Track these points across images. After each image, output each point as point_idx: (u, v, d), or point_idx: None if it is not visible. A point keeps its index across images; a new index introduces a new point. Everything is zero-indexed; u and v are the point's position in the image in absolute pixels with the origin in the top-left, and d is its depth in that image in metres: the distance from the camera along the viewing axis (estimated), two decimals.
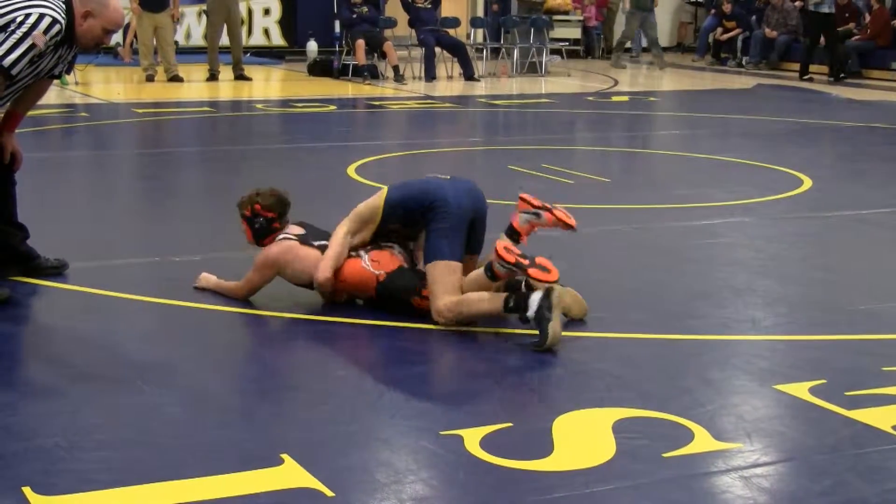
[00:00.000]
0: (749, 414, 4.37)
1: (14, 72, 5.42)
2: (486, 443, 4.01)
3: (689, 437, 4.11)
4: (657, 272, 6.53)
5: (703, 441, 4.08)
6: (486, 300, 5.32)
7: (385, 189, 5.66)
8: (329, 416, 4.33)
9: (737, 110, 15.25)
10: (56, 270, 6.15)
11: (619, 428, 4.18)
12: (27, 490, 3.59)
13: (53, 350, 5.15)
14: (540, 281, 5.14)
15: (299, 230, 5.77)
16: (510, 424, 4.21)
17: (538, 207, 5.69)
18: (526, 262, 5.16)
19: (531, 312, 5.12)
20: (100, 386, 4.60)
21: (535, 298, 5.14)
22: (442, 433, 4.09)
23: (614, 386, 4.66)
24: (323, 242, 5.69)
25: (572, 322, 5.45)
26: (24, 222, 6.12)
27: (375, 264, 5.57)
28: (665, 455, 3.95)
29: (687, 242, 7.29)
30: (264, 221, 5.76)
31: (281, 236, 5.71)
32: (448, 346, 5.21)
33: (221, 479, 3.72)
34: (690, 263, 6.78)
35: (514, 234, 5.68)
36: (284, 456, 3.86)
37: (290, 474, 3.75)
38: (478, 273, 5.40)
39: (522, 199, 5.73)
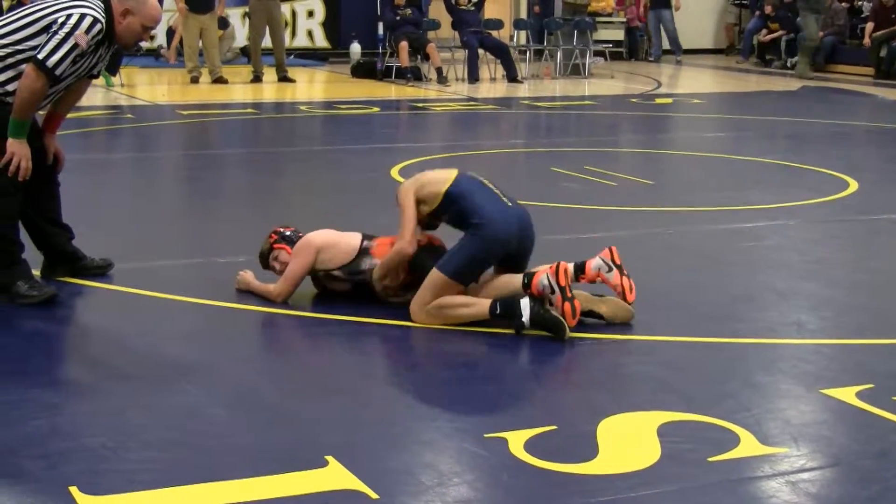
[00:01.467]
0: (795, 418, 4.34)
1: (58, 72, 5.48)
2: (530, 445, 4.00)
3: (734, 441, 4.09)
4: (701, 275, 6.50)
5: (748, 445, 4.05)
6: (471, 305, 5.37)
7: (453, 176, 5.61)
8: (373, 417, 4.33)
9: (782, 112, 15.16)
10: (101, 270, 6.19)
11: (664, 432, 4.15)
12: (74, 490, 3.61)
13: (98, 350, 5.18)
14: (562, 315, 5.22)
15: None
16: (555, 427, 4.20)
17: (615, 265, 5.59)
18: (569, 294, 5.24)
19: (526, 318, 5.21)
20: (144, 386, 4.62)
21: (526, 302, 5.23)
22: (486, 436, 4.09)
23: (659, 389, 4.63)
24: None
25: (617, 325, 5.43)
26: (70, 223, 6.16)
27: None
28: (710, 459, 3.93)
29: (731, 245, 7.24)
30: (291, 234, 5.89)
31: None
32: (490, 348, 5.20)
33: (265, 480, 3.72)
34: (734, 266, 6.74)
35: (580, 270, 5.63)
36: (329, 458, 3.87)
37: (334, 476, 3.76)
38: (513, 278, 5.44)
39: (609, 250, 5.60)
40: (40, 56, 5.46)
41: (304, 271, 5.73)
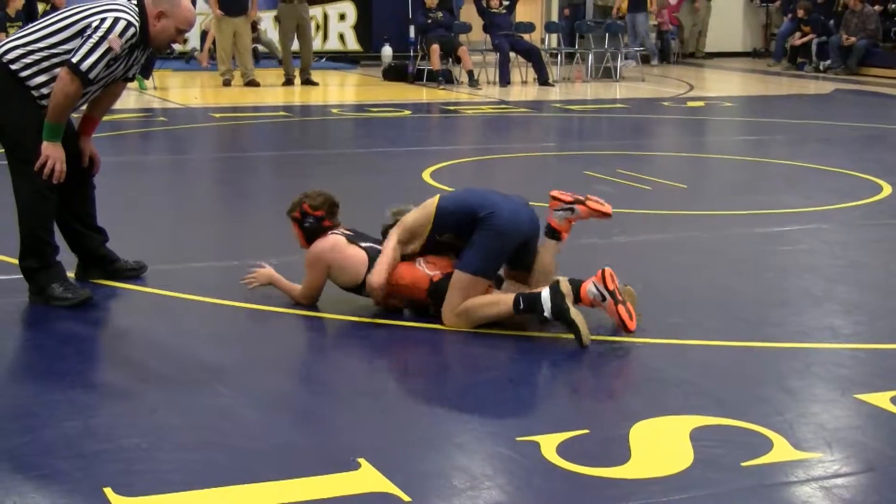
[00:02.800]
0: (829, 423, 4.32)
1: (92, 76, 5.52)
2: (562, 449, 4.00)
3: (767, 445, 4.07)
4: (734, 279, 6.47)
5: (782, 450, 4.03)
6: (496, 304, 5.38)
7: (436, 198, 5.62)
8: (405, 420, 4.34)
9: (815, 116, 15.10)
10: (135, 273, 6.22)
11: (697, 436, 4.14)
12: (108, 490, 3.63)
13: (132, 352, 5.21)
14: (622, 323, 5.18)
15: (348, 232, 5.82)
16: (587, 431, 4.19)
17: (570, 203, 5.67)
18: (620, 297, 5.22)
19: (548, 312, 5.21)
20: (177, 388, 4.64)
21: (546, 296, 5.23)
22: (518, 439, 4.08)
23: (692, 393, 4.62)
24: (371, 245, 5.73)
25: (650, 329, 5.41)
26: (103, 225, 6.19)
27: (431, 266, 5.59)
28: (743, 464, 3.92)
29: (764, 249, 7.22)
30: (314, 220, 5.78)
31: (329, 234, 5.76)
32: (522, 352, 5.19)
33: (298, 482, 3.73)
34: (768, 270, 6.71)
35: (554, 234, 5.67)
36: (361, 460, 3.88)
37: (366, 479, 3.76)
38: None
39: (553, 198, 5.71)
40: (74, 60, 5.50)
41: (320, 283, 5.75)
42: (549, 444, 4.04)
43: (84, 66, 5.50)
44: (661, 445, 4.08)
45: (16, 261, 5.89)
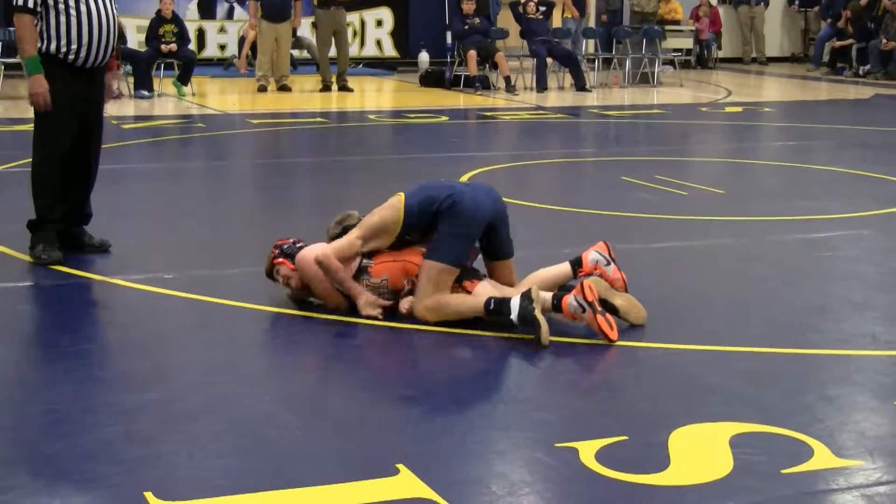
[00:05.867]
0: (870, 431, 4.29)
1: (30, 4, 6.17)
2: (601, 456, 3.99)
3: (808, 453, 4.05)
4: (774, 285, 6.44)
5: (822, 458, 4.01)
6: (468, 302, 5.44)
7: (401, 197, 5.66)
8: (444, 426, 4.34)
9: (854, 121, 15.01)
10: (95, 250, 6.63)
11: (737, 443, 4.12)
12: (149, 495, 3.65)
13: (172, 357, 5.22)
14: (602, 333, 5.20)
15: None
16: (626, 437, 4.18)
17: (612, 259, 5.76)
18: (599, 308, 5.23)
19: (514, 315, 5.26)
20: (218, 393, 4.65)
21: (516, 300, 5.28)
22: (557, 445, 4.08)
23: (732, 400, 4.60)
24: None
25: (665, 333, 5.40)
26: (142, 230, 6.24)
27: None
28: (783, 471, 3.89)
29: (804, 255, 7.18)
30: (289, 246, 5.93)
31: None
32: (561, 358, 5.18)
33: (337, 488, 3.74)
34: (808, 277, 6.67)
35: (576, 264, 5.78)
36: (400, 466, 3.88)
37: (405, 484, 3.77)
38: (544, 297, 5.42)
39: (606, 244, 5.81)
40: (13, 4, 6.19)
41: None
42: (587, 450, 4.03)
43: (19, 1, 6.14)
44: (700, 452, 4.06)
45: (55, 269, 5.94)
